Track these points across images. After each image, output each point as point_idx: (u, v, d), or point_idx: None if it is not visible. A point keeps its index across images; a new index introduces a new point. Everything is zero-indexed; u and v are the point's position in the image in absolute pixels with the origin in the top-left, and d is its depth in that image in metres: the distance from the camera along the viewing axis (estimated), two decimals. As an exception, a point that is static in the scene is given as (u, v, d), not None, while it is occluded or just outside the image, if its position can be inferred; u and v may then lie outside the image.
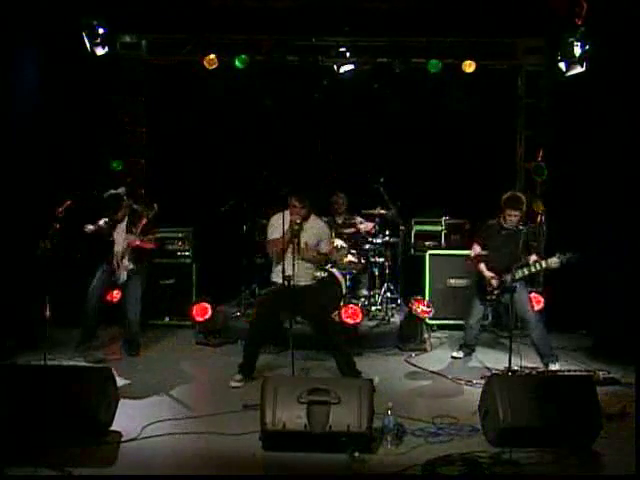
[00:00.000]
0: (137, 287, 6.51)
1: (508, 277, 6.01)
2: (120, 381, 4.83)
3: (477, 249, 6.44)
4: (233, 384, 5.66)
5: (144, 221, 6.45)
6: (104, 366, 5.36)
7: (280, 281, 5.56)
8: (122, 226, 6.50)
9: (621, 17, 6.51)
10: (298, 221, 5.60)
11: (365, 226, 7.82)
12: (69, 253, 7.04)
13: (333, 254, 6.03)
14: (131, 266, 6.44)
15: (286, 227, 5.59)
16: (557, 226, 7.90)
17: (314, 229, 5.76)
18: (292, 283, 5.45)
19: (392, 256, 8.00)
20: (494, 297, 6.23)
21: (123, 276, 6.45)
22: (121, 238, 6.44)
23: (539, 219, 8.12)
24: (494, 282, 6.19)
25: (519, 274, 6.01)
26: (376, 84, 8.43)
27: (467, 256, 6.65)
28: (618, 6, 6.52)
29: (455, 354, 6.74)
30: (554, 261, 5.88)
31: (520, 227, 6.09)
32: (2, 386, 4.40)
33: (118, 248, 6.44)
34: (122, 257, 6.43)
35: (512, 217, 6.14)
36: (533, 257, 6.09)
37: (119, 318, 6.71)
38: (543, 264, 5.95)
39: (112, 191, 6.56)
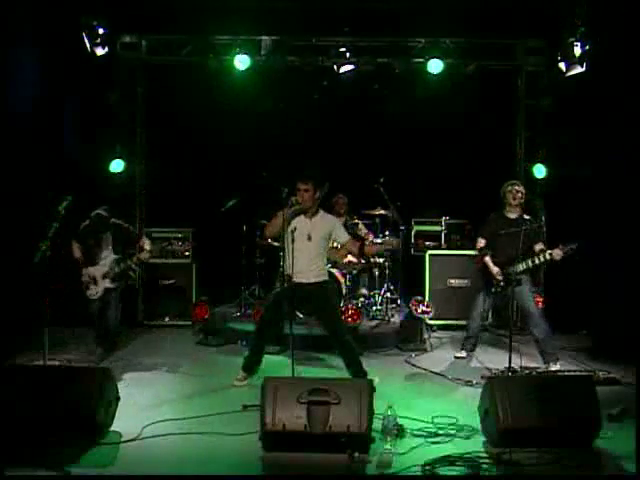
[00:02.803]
0: (118, 300, 6.50)
1: (512, 269, 6.04)
2: (120, 381, 4.82)
3: (481, 242, 6.46)
4: (236, 383, 5.66)
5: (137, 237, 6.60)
6: (104, 366, 5.37)
7: (293, 278, 5.55)
8: (109, 238, 6.43)
9: (621, 17, 6.52)
10: (296, 199, 5.53)
11: (365, 234, 7.86)
12: (68, 253, 7.03)
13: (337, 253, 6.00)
14: (112, 285, 6.38)
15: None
16: (557, 226, 7.90)
17: (322, 222, 5.68)
18: (300, 281, 5.50)
19: (392, 256, 8.00)
20: (499, 289, 6.24)
21: (99, 293, 6.37)
22: (109, 256, 6.40)
23: (539, 219, 8.12)
24: (499, 276, 6.21)
25: (523, 266, 6.06)
26: (376, 84, 8.43)
27: (474, 256, 6.65)
28: (618, 6, 6.52)
29: (458, 354, 6.74)
30: (557, 253, 5.93)
31: (525, 216, 6.12)
32: (2, 386, 4.40)
33: (103, 267, 6.36)
34: (104, 276, 6.36)
35: (519, 193, 6.23)
36: (539, 246, 6.12)
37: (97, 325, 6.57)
38: (547, 256, 5.99)
39: (98, 211, 6.45)
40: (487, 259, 6.35)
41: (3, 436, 4.17)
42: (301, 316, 7.01)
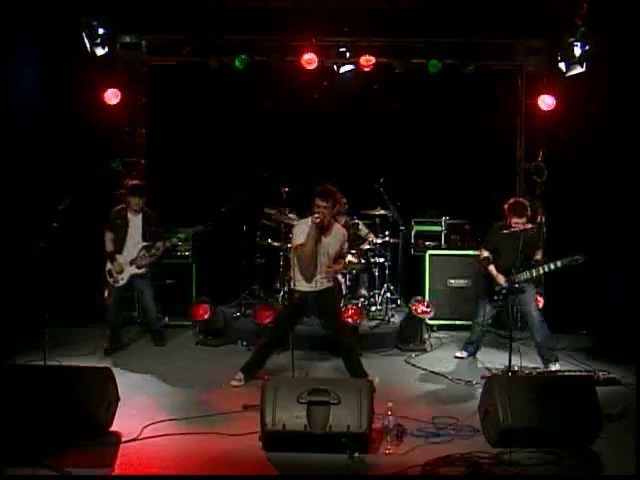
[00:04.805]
0: (150, 286, 6.86)
1: (516, 277, 6.03)
2: (120, 381, 4.82)
3: (485, 253, 6.43)
4: (233, 383, 5.67)
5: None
6: (104, 366, 5.36)
7: (303, 289, 5.64)
8: (137, 225, 6.70)
9: (621, 17, 6.53)
10: (317, 219, 5.47)
11: (366, 233, 7.87)
12: (68, 253, 7.03)
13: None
14: (138, 271, 6.67)
15: (307, 230, 5.55)
16: (557, 227, 7.90)
17: (336, 238, 5.69)
18: (308, 289, 5.60)
19: (392, 256, 8.00)
20: (502, 297, 6.23)
21: (124, 280, 6.67)
22: (137, 239, 6.66)
23: (539, 220, 8.11)
24: (503, 283, 6.19)
25: (527, 275, 6.05)
26: (376, 84, 8.43)
27: (476, 256, 6.63)
28: (618, 6, 6.53)
29: (458, 354, 6.75)
30: (558, 265, 5.92)
31: (527, 226, 6.11)
32: (2, 386, 4.40)
33: (130, 255, 6.64)
34: (131, 262, 6.65)
35: (518, 224, 6.10)
36: (539, 254, 6.13)
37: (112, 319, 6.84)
38: (549, 267, 5.97)
39: (118, 207, 6.84)
40: (491, 268, 6.32)
41: (3, 436, 4.17)
42: (304, 318, 6.97)
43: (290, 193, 7.70)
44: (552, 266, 5.98)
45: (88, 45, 7.45)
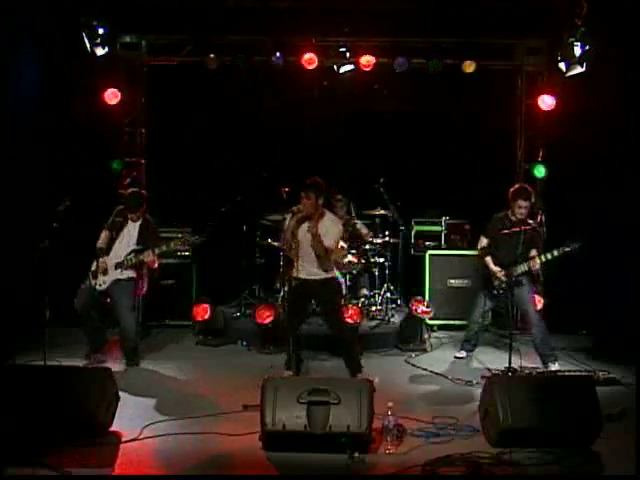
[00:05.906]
0: (128, 294, 6.17)
1: (512, 270, 6.05)
2: (120, 381, 4.82)
3: (484, 242, 6.45)
4: None
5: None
6: (104, 366, 5.37)
7: (300, 275, 5.76)
8: (133, 231, 6.23)
9: (621, 17, 6.53)
10: (294, 209, 5.78)
11: (365, 233, 7.86)
12: (68, 253, 7.02)
13: (335, 253, 5.96)
14: (122, 276, 6.13)
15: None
16: (557, 226, 7.90)
17: (325, 225, 5.74)
18: (307, 277, 5.71)
19: (392, 256, 8.00)
20: (501, 291, 6.23)
21: (106, 283, 6.14)
22: (128, 244, 6.18)
23: (539, 219, 8.12)
24: (500, 275, 6.20)
25: (524, 267, 6.07)
26: (376, 84, 8.43)
27: (476, 255, 6.66)
28: (618, 6, 6.54)
29: (458, 354, 6.74)
30: (555, 254, 5.94)
31: (529, 221, 6.12)
32: (2, 386, 4.40)
33: (117, 258, 6.15)
34: (116, 266, 6.14)
35: (522, 209, 6.15)
36: (533, 252, 6.13)
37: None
38: (545, 257, 6.00)
39: (135, 189, 6.59)
40: (488, 259, 6.34)
41: (3, 436, 4.17)
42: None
43: (290, 193, 7.70)
44: (549, 256, 6.01)
45: (88, 45, 7.44)
